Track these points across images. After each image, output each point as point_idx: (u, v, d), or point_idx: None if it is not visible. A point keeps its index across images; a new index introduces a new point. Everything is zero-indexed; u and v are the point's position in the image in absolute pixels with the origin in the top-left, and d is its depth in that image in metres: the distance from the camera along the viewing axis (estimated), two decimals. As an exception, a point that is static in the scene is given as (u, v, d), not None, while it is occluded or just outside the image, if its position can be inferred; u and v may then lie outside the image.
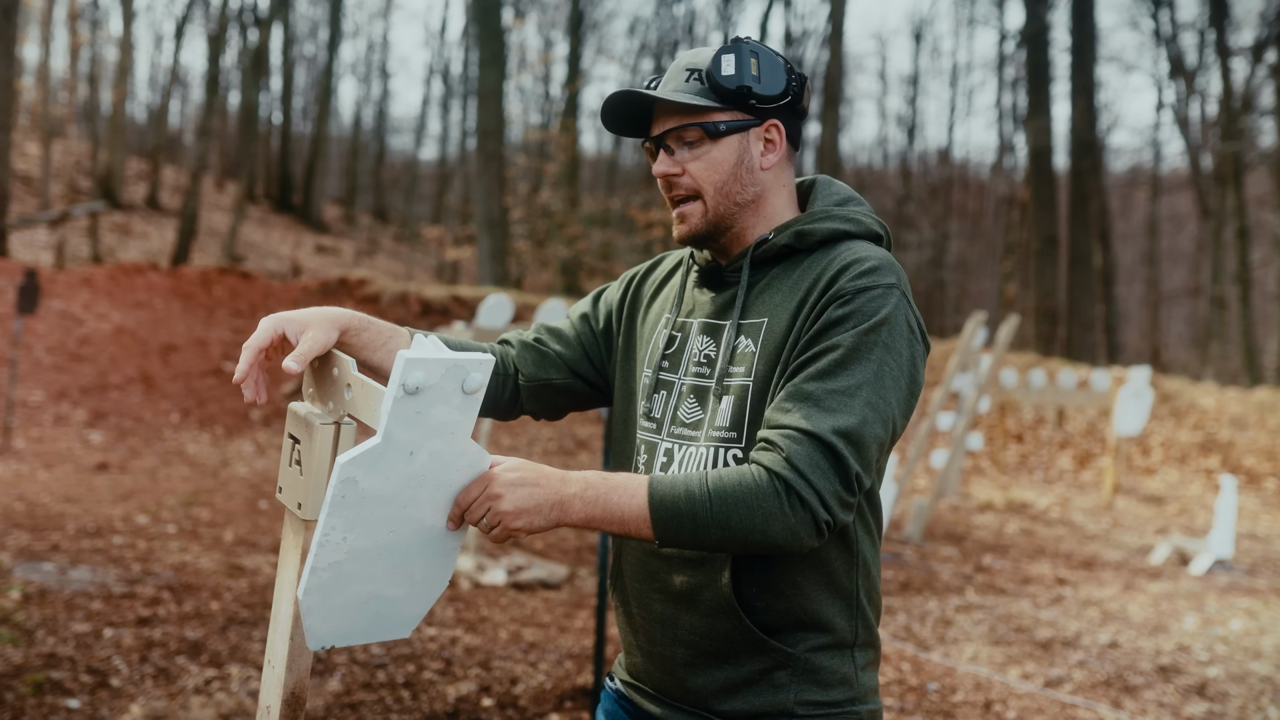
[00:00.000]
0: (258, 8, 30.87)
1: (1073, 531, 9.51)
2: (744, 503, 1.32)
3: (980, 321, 9.82)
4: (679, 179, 1.55)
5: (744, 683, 1.48)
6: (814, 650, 1.48)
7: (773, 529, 1.32)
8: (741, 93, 1.51)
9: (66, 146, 31.64)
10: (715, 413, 1.50)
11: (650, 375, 1.61)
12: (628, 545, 1.59)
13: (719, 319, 1.56)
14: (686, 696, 1.52)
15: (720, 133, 1.52)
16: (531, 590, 5.99)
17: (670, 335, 1.62)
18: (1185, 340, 36.27)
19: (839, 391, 1.36)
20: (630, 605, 1.60)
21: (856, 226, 1.55)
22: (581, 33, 30.85)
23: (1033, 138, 24.99)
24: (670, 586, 1.52)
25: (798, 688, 1.47)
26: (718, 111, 1.52)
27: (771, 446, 1.36)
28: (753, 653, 1.47)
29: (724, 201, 1.54)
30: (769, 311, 1.50)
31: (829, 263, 1.48)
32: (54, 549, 5.91)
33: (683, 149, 1.55)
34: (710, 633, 1.49)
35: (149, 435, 10.61)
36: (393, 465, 1.24)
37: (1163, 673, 5.16)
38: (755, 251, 1.55)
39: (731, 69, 1.50)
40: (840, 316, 1.41)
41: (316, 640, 1.31)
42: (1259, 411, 15.22)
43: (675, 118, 1.54)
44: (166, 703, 3.83)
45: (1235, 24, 26.39)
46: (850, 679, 1.51)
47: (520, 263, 25.38)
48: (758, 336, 1.49)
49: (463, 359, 1.24)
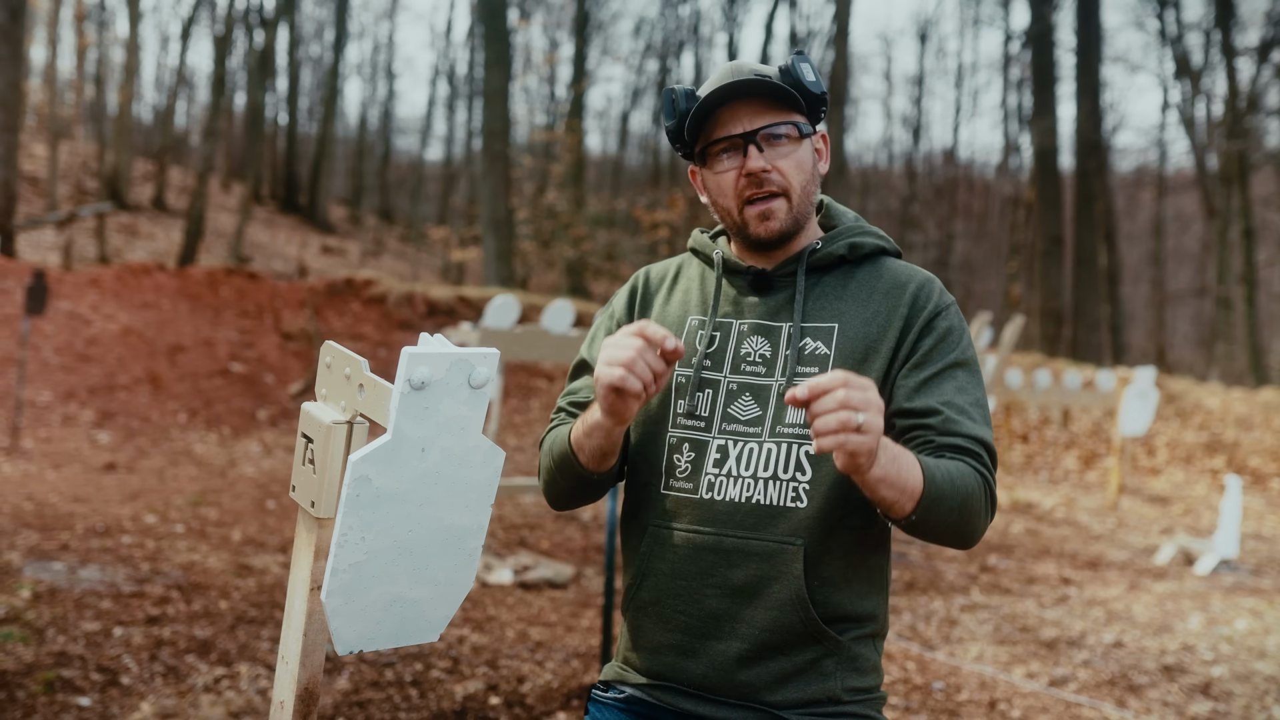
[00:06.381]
0: (263, 9, 30.96)
1: (1078, 531, 9.52)
2: (973, 495, 1.44)
3: (985, 322, 9.82)
4: (769, 175, 1.57)
5: (796, 672, 1.52)
6: (855, 639, 1.55)
7: (980, 523, 1.47)
8: (820, 99, 1.60)
9: (73, 147, 31.72)
10: (783, 410, 1.53)
11: (690, 374, 1.61)
12: (666, 544, 1.58)
13: (774, 320, 1.60)
14: (734, 690, 1.53)
15: (806, 134, 1.60)
16: (538, 590, 6.01)
17: (712, 335, 1.63)
18: (1190, 340, 36.20)
19: (978, 405, 1.53)
20: (667, 605, 1.57)
21: (889, 244, 1.67)
22: (587, 33, 30.89)
23: (1038, 138, 24.98)
24: (729, 581, 1.52)
25: (843, 675, 1.53)
26: (800, 114, 1.60)
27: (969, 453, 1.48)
28: (809, 643, 1.52)
29: (804, 202, 1.61)
30: (837, 317, 1.57)
31: (898, 278, 1.61)
32: (63, 548, 5.94)
33: (771, 147, 1.58)
34: (772, 625, 1.51)
35: (156, 435, 10.65)
36: (405, 462, 1.26)
37: (1167, 672, 5.17)
38: (811, 258, 1.61)
39: (813, 76, 1.59)
40: (948, 330, 1.56)
41: (344, 645, 1.30)
42: (1264, 412, 15.20)
43: (771, 114, 1.57)
44: (176, 701, 3.86)
45: (1241, 24, 26.33)
46: (878, 666, 1.60)
47: (526, 263, 25.40)
48: (830, 340, 1.56)
49: (466, 353, 1.26)
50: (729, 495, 1.53)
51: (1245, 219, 22.97)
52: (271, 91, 35.27)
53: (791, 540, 1.49)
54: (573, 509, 1.75)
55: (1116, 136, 49.80)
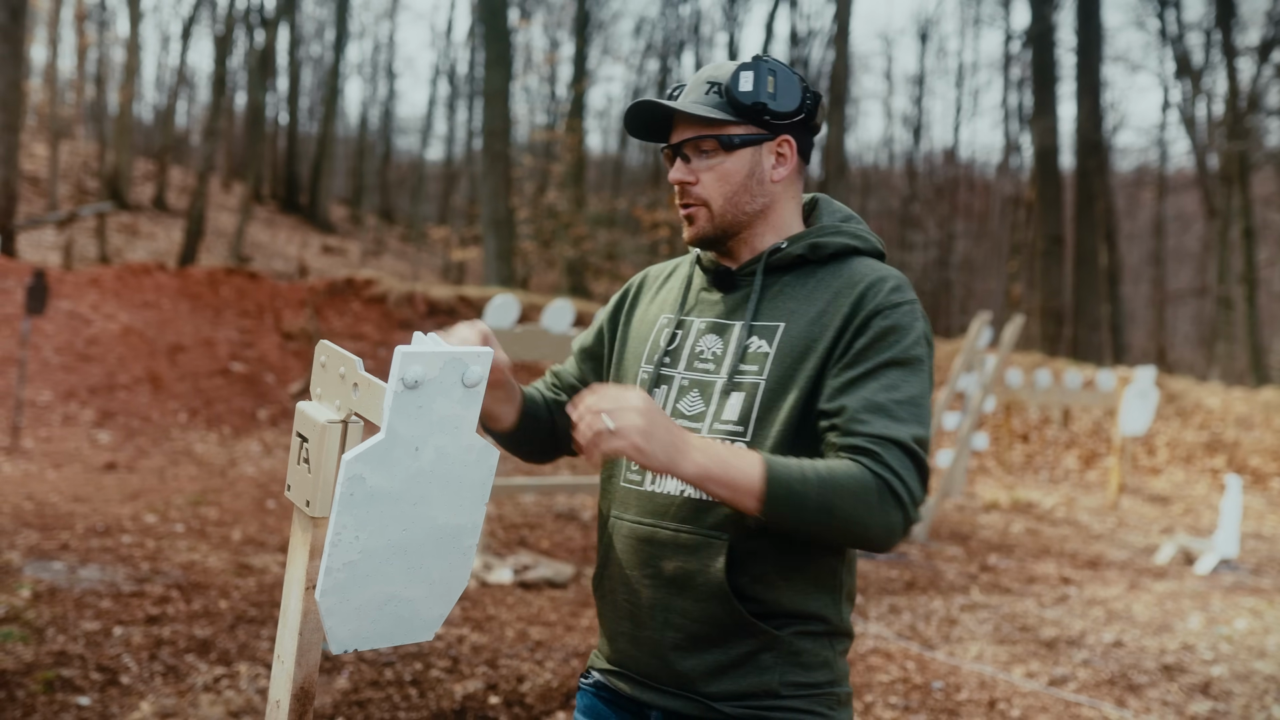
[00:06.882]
0: (264, 9, 30.94)
1: (1078, 531, 9.52)
2: (853, 494, 1.40)
3: (985, 321, 9.82)
4: (691, 187, 1.64)
5: (732, 665, 1.54)
6: (798, 635, 1.55)
7: (873, 524, 1.41)
8: (757, 108, 1.60)
9: (74, 147, 31.73)
10: (722, 407, 1.57)
11: (650, 370, 1.68)
12: (618, 534, 1.64)
13: (728, 319, 1.64)
14: (674, 679, 1.57)
15: (734, 145, 1.61)
16: (538, 589, 6.01)
17: (673, 333, 1.69)
18: (1191, 340, 36.18)
19: (906, 402, 1.48)
20: (618, 594, 1.64)
21: (864, 244, 1.66)
22: (587, 33, 30.89)
23: (1038, 137, 24.96)
24: (662, 572, 1.57)
25: (783, 669, 1.54)
26: (733, 125, 1.61)
27: (865, 452, 1.44)
28: (742, 636, 1.53)
29: (731, 210, 1.64)
30: (785, 316, 1.59)
31: (853, 277, 1.59)
32: (63, 548, 5.94)
33: (699, 158, 1.64)
34: (701, 617, 1.54)
35: (157, 435, 10.65)
36: (399, 461, 1.26)
37: (1167, 671, 5.17)
38: (770, 258, 1.64)
39: (749, 85, 1.59)
40: (887, 329, 1.52)
41: (338, 644, 1.31)
42: (1265, 411, 15.19)
43: (694, 128, 1.63)
44: (176, 700, 3.86)
45: (1241, 23, 26.32)
46: (831, 662, 1.58)
47: (526, 263, 25.39)
48: (773, 339, 1.57)
49: (460, 351, 1.26)
50: (668, 488, 1.59)
51: (1246, 219, 22.95)
52: (272, 91, 35.27)
53: (717, 534, 1.53)
54: (531, 462, 1.86)
55: (1117, 136, 49.79)
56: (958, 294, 38.49)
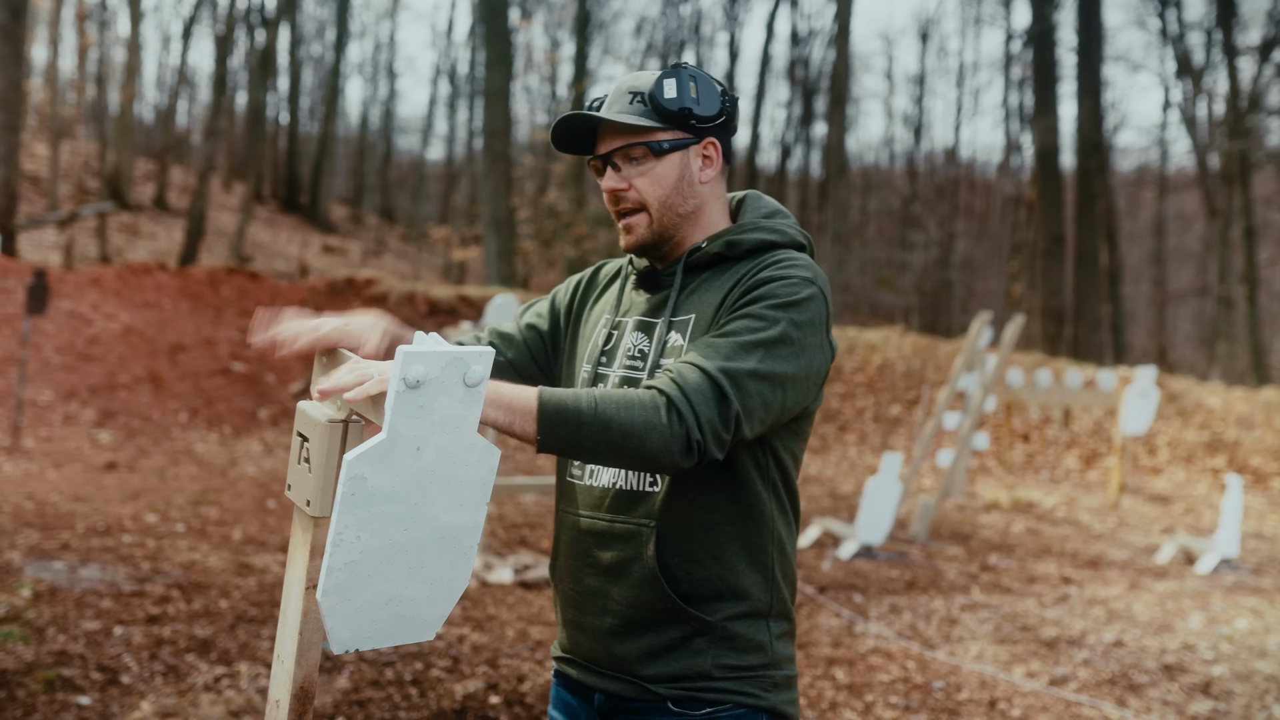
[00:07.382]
0: (265, 8, 30.96)
1: (1078, 531, 9.51)
2: (628, 407, 1.43)
3: (986, 321, 9.82)
4: (626, 193, 1.69)
5: (666, 649, 1.61)
6: (731, 619, 1.61)
7: (650, 438, 1.42)
8: (682, 114, 1.65)
9: (74, 147, 31.75)
10: None
11: (589, 370, 1.74)
12: (565, 527, 1.72)
13: (652, 317, 1.71)
14: (613, 663, 1.64)
15: (664, 150, 1.66)
16: (538, 589, 6.01)
17: (609, 333, 1.75)
18: (1192, 340, 36.18)
19: (737, 344, 1.50)
20: (565, 583, 1.71)
21: (781, 237, 1.70)
22: (588, 33, 30.90)
23: (1039, 137, 24.97)
24: (600, 561, 1.65)
25: (715, 653, 1.60)
26: (660, 131, 1.66)
27: (665, 373, 1.49)
28: (674, 621, 1.60)
29: (667, 213, 1.69)
30: (696, 309, 1.65)
31: (756, 264, 1.64)
32: (64, 547, 5.94)
33: (629, 165, 1.68)
34: (636, 602, 1.61)
35: (157, 434, 10.65)
36: (400, 461, 1.26)
37: (1168, 671, 5.17)
38: (689, 258, 1.70)
39: (674, 92, 1.65)
40: (757, 296, 1.56)
41: (339, 644, 1.31)
42: (1265, 411, 15.19)
43: (622, 137, 1.68)
44: (176, 700, 3.86)
45: (1242, 23, 26.30)
46: (765, 646, 1.63)
47: (527, 263, 25.40)
48: (685, 331, 1.64)
49: (462, 352, 1.26)
50: (602, 482, 1.66)
51: (1246, 218, 22.95)
52: (273, 91, 35.30)
53: (647, 523, 1.60)
54: None
55: (1118, 136, 49.80)
56: (958, 294, 38.49)
